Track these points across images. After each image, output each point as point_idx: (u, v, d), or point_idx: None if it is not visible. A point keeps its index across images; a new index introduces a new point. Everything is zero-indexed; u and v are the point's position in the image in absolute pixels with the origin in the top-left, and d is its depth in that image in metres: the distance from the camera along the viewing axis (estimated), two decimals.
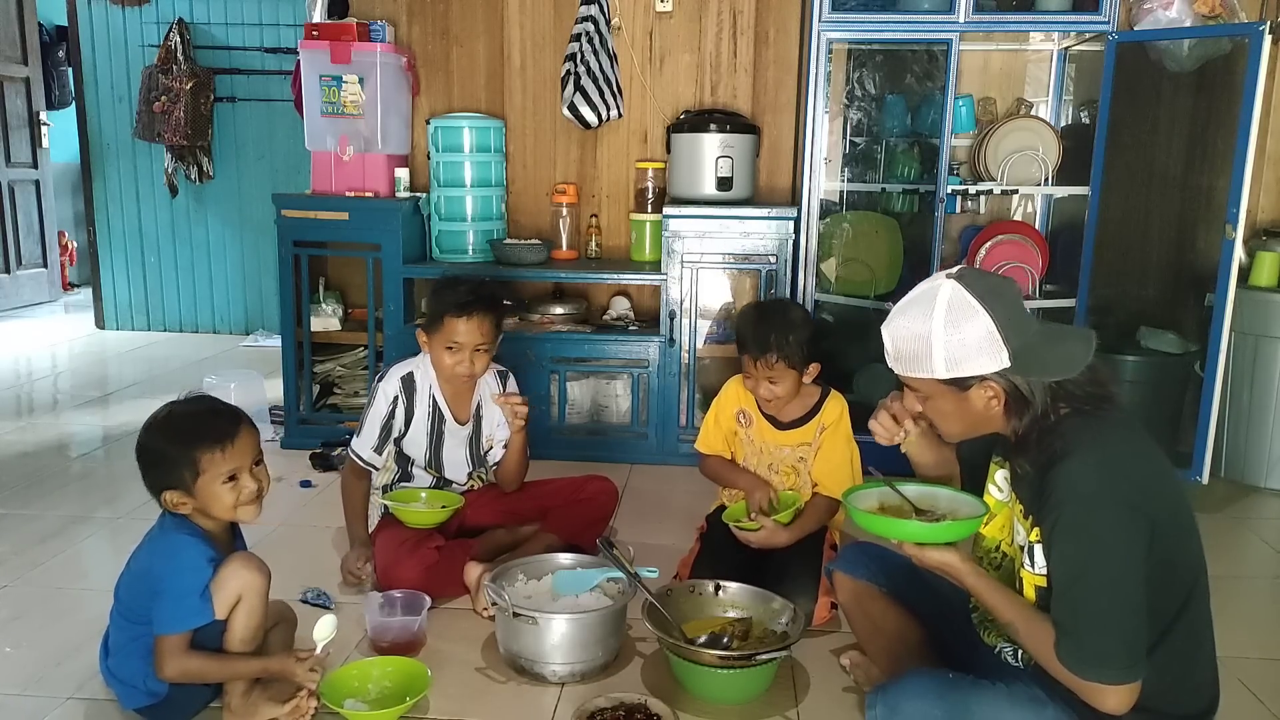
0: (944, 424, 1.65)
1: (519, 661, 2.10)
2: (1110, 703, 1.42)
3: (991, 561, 1.70)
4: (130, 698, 1.88)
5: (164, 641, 1.78)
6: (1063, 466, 1.45)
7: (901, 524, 1.67)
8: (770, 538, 2.40)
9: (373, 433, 2.56)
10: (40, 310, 6.38)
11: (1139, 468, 1.48)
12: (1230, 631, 2.30)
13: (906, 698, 1.56)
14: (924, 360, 1.54)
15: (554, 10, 3.80)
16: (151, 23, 5.49)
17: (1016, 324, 1.51)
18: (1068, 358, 1.52)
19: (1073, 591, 1.44)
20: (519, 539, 2.63)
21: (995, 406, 1.54)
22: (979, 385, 1.53)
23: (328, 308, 3.74)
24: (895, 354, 1.60)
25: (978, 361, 1.51)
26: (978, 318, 1.50)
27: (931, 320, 1.52)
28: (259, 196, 5.47)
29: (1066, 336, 1.58)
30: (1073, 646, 1.43)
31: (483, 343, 2.49)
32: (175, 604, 1.77)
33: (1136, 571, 1.41)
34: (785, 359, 2.38)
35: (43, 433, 3.85)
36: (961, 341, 1.50)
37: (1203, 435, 3.09)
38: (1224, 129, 3.15)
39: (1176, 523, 1.49)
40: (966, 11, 3.18)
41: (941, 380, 1.55)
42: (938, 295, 1.53)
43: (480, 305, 2.48)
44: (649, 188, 3.75)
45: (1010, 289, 1.57)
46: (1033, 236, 3.51)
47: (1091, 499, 1.43)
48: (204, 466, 1.79)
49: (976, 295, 1.51)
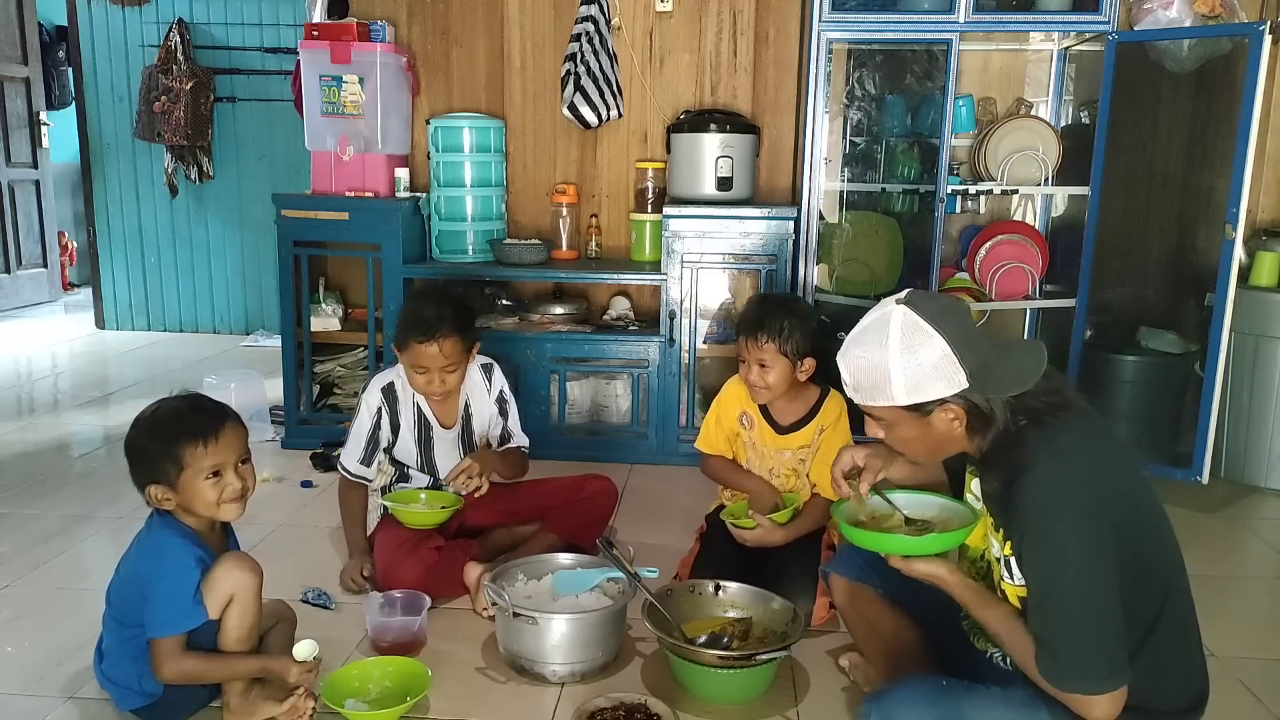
0: (909, 450, 1.65)
1: (519, 661, 2.10)
2: (1098, 712, 1.42)
3: (977, 570, 1.70)
4: (125, 699, 1.88)
5: (159, 644, 1.78)
6: (1024, 481, 1.46)
7: (886, 538, 1.67)
8: (765, 536, 2.40)
9: (358, 446, 2.56)
10: (40, 310, 6.39)
11: (1100, 473, 1.48)
12: (1230, 631, 2.31)
13: (901, 705, 1.56)
14: (883, 389, 1.54)
15: (554, 10, 3.80)
16: (151, 23, 5.49)
17: (970, 343, 1.52)
18: (1020, 371, 1.52)
19: (1046, 605, 1.44)
20: (519, 539, 2.63)
21: (958, 428, 1.55)
22: (940, 409, 1.53)
23: (328, 308, 3.74)
24: (854, 385, 1.59)
25: (936, 385, 1.51)
26: (932, 341, 1.50)
27: (887, 348, 1.52)
28: (259, 196, 5.47)
29: (1018, 350, 1.58)
30: (1051, 659, 1.43)
31: (448, 364, 2.46)
32: (166, 607, 1.77)
33: (1107, 579, 1.41)
34: (776, 343, 2.38)
35: (43, 432, 3.85)
36: (919, 366, 1.50)
37: (1203, 435, 3.09)
38: (1224, 129, 3.15)
39: (1145, 522, 1.50)
40: (966, 11, 3.18)
41: (903, 407, 1.54)
42: (890, 322, 1.53)
43: (443, 329, 2.43)
44: (649, 188, 3.75)
45: (959, 308, 1.58)
46: (1033, 236, 3.52)
47: (1052, 511, 1.43)
48: (187, 461, 1.79)
49: (928, 318, 1.51)
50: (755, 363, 2.41)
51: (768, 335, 2.38)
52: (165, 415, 1.83)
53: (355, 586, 2.47)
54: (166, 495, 1.82)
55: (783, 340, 2.38)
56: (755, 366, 2.42)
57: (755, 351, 2.40)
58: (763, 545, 2.41)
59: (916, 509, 1.76)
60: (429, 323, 2.42)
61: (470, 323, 2.55)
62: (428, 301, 2.49)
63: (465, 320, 2.52)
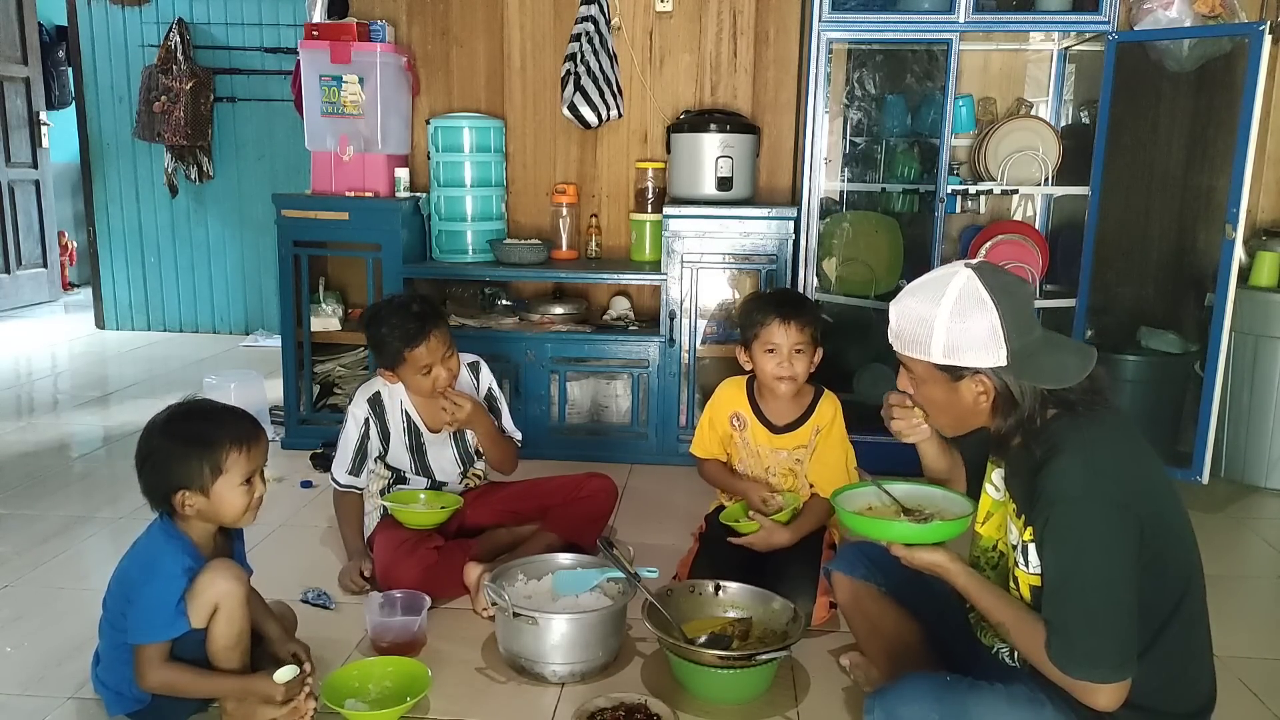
0: (934, 414, 1.67)
1: (519, 661, 2.10)
2: (1101, 701, 1.43)
3: (989, 560, 1.70)
4: (116, 704, 1.86)
5: (142, 652, 1.76)
6: (1052, 466, 1.46)
7: (889, 525, 1.67)
8: (769, 538, 2.40)
9: (346, 458, 2.58)
10: (40, 310, 6.39)
11: (1129, 467, 1.49)
12: (1230, 631, 2.31)
13: (903, 702, 1.56)
14: (922, 343, 1.56)
15: (554, 10, 3.80)
16: (151, 23, 5.49)
17: (1021, 326, 1.52)
18: (1061, 369, 1.52)
19: (1063, 591, 1.45)
20: (518, 539, 2.63)
21: (984, 402, 1.56)
22: (971, 378, 1.54)
23: (328, 308, 3.74)
24: (896, 331, 1.61)
25: (974, 354, 1.52)
26: (985, 311, 1.51)
27: (939, 305, 1.53)
28: (259, 196, 5.47)
29: (1067, 348, 1.58)
30: (1064, 646, 1.44)
31: (446, 350, 2.49)
32: (149, 613, 1.75)
33: (1127, 570, 1.42)
34: (813, 328, 2.36)
35: (43, 433, 3.85)
36: (964, 331, 1.51)
37: (1203, 435, 3.09)
38: (1224, 129, 3.15)
39: (1167, 522, 1.49)
40: (966, 11, 3.18)
41: (935, 365, 1.56)
42: (951, 282, 1.54)
43: (427, 323, 2.44)
44: (649, 188, 3.75)
45: (1023, 290, 1.58)
46: (1033, 236, 3.51)
47: (1080, 499, 1.43)
48: (227, 466, 1.77)
49: (989, 289, 1.51)
50: (790, 345, 2.36)
51: (809, 318, 2.35)
52: (204, 416, 1.80)
53: (355, 587, 2.47)
54: (194, 500, 1.78)
55: (816, 326, 2.37)
56: (789, 350, 2.36)
57: (794, 334, 2.34)
58: (771, 547, 2.40)
59: (914, 500, 1.76)
60: (411, 328, 2.43)
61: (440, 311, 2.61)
62: (391, 314, 2.46)
63: (434, 307, 2.56)
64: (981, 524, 1.71)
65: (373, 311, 2.54)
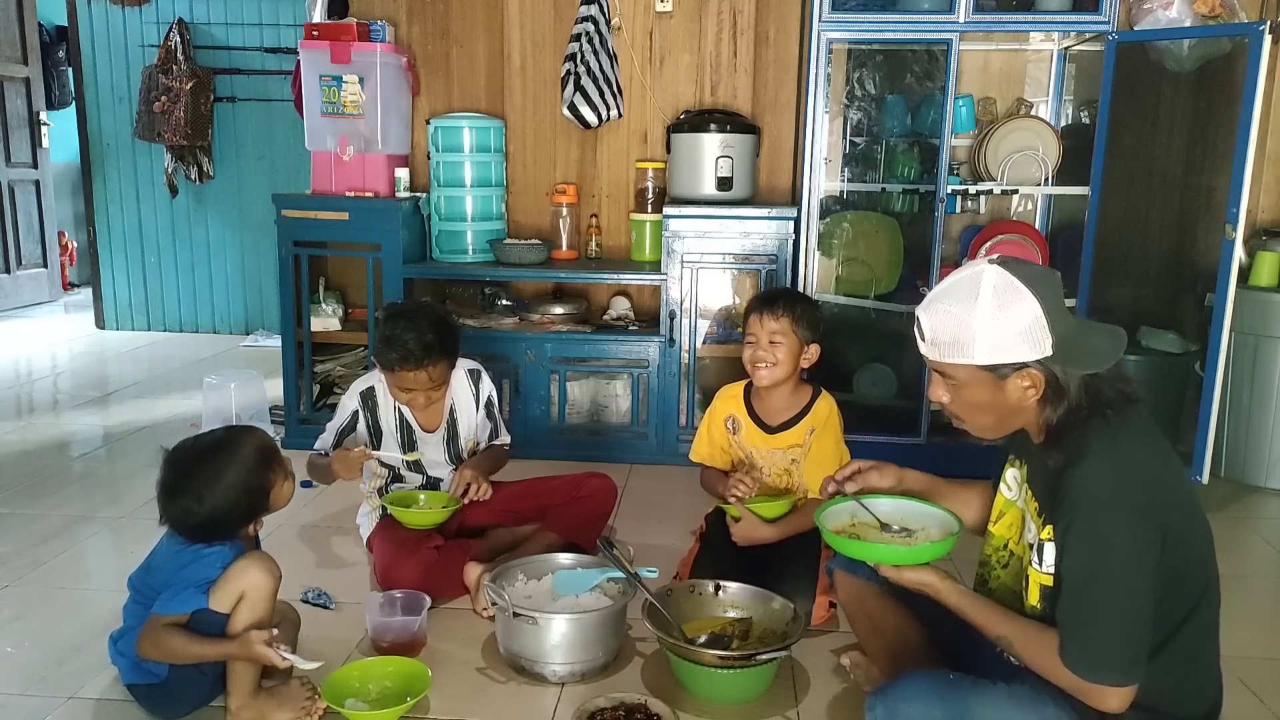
0: (973, 417, 1.60)
1: (519, 661, 2.10)
2: (1112, 703, 1.43)
3: (999, 560, 1.69)
4: (130, 673, 1.91)
5: (152, 619, 1.84)
6: (1079, 468, 1.45)
7: (876, 546, 1.66)
8: (752, 531, 2.39)
9: (328, 439, 2.60)
10: (40, 310, 6.38)
11: (1156, 475, 1.47)
12: (1231, 631, 2.28)
13: (906, 699, 1.55)
14: (966, 346, 1.50)
15: (554, 10, 3.80)
16: (151, 23, 5.48)
17: (1061, 312, 1.50)
18: (1099, 352, 1.51)
19: (1083, 595, 1.44)
20: (519, 539, 2.63)
21: (1031, 397, 1.52)
22: (1016, 374, 1.50)
23: (328, 308, 3.74)
24: (933, 339, 1.55)
25: (1020, 348, 1.48)
26: (1025, 301, 1.47)
27: (977, 303, 1.48)
28: (259, 196, 5.46)
29: (1097, 331, 1.56)
30: (1078, 649, 1.43)
31: (434, 385, 2.48)
32: (177, 589, 1.84)
33: (1146, 577, 1.41)
34: (790, 317, 2.38)
35: (43, 432, 3.85)
36: (1009, 324, 1.47)
37: (1203, 435, 3.09)
38: (1224, 129, 3.15)
39: (1189, 530, 1.49)
40: (966, 11, 3.18)
41: (980, 367, 1.51)
42: (982, 279, 1.50)
43: (430, 357, 2.41)
44: (649, 188, 3.75)
45: (1053, 278, 1.54)
46: (1033, 236, 3.51)
47: (1106, 503, 1.42)
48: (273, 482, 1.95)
49: (1023, 279, 1.48)
50: (766, 336, 2.39)
51: (783, 309, 2.38)
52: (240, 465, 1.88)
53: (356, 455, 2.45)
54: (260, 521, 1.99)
55: (795, 317, 2.38)
56: (765, 343, 2.40)
57: (769, 323, 2.39)
58: (751, 541, 2.40)
59: (895, 516, 1.75)
60: (414, 353, 2.39)
61: (455, 344, 2.53)
62: (408, 326, 2.41)
63: (450, 343, 2.50)
64: (994, 523, 1.70)
65: (391, 311, 2.52)
